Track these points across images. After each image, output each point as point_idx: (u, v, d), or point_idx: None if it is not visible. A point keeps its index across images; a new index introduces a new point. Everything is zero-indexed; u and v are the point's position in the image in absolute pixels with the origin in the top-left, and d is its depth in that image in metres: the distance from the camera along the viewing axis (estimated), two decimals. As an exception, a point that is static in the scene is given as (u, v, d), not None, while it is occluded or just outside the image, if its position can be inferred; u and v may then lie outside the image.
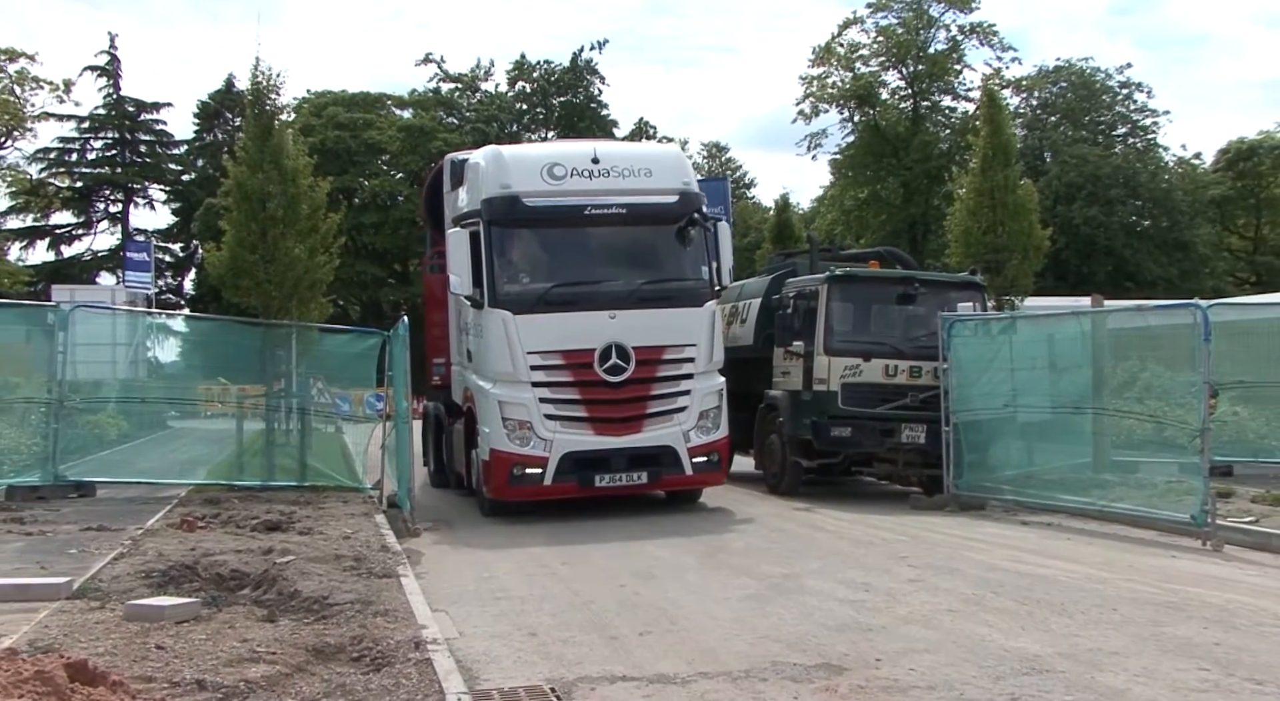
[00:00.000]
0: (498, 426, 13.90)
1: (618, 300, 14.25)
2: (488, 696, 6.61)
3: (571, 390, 14.03)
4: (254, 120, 17.61)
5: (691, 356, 14.44)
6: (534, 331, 13.91)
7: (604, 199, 14.41)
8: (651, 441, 14.19)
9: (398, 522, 13.31)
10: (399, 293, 57.41)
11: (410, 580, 9.65)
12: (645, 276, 14.74)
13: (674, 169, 15.29)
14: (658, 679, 6.92)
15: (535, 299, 14.14)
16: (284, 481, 15.81)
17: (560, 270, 14.68)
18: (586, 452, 13.99)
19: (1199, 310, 12.38)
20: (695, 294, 14.77)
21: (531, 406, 13.85)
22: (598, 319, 14.03)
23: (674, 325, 14.40)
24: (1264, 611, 8.65)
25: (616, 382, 13.99)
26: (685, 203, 14.79)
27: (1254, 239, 58.90)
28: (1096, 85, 58.94)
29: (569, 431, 13.93)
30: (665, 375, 14.29)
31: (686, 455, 14.29)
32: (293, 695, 6.25)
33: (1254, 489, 14.29)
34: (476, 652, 7.65)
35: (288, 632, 7.62)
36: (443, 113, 65.42)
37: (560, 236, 14.85)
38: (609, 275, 14.72)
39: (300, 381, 16.96)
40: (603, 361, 13.91)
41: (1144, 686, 6.66)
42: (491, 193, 14.34)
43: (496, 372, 14.13)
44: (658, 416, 14.22)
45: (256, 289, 16.78)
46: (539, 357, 13.90)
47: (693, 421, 14.35)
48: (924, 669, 7.00)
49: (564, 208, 14.38)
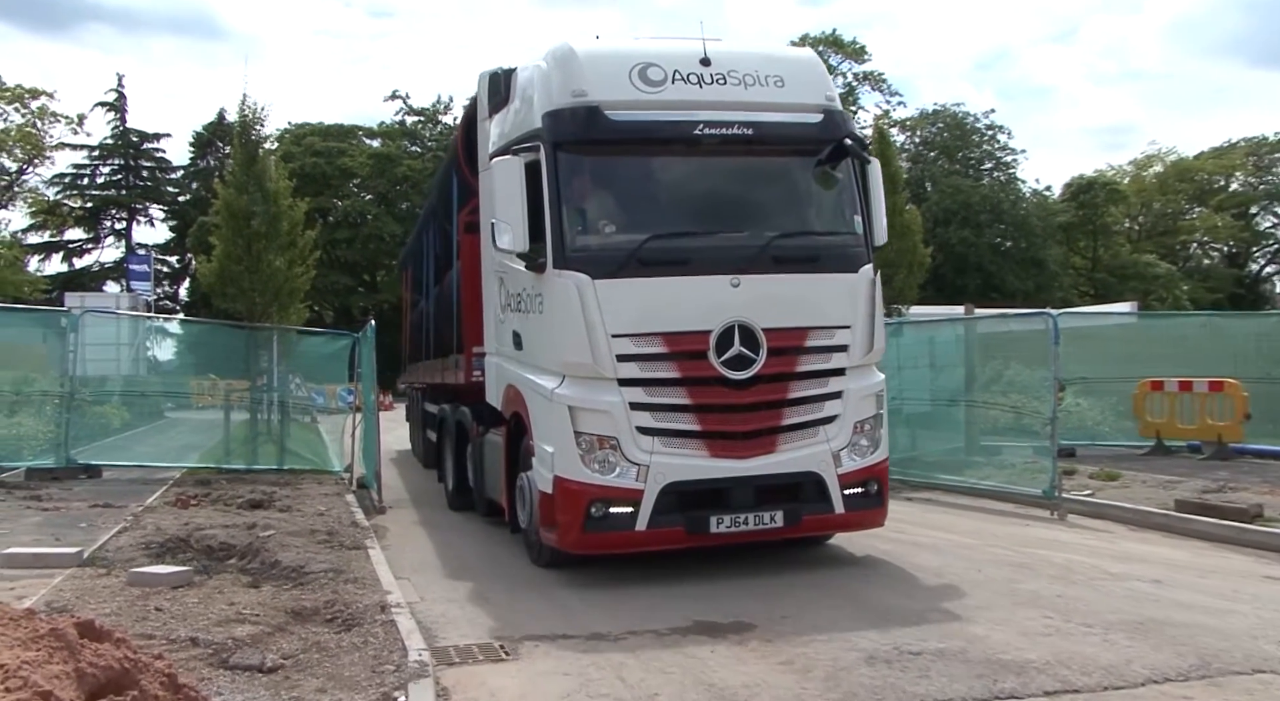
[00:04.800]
0: (567, 443, 8.23)
1: (742, 261, 8.52)
2: (444, 652, 6.59)
3: (676, 391, 8.31)
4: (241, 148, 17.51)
5: (844, 344, 8.75)
6: (622, 304, 8.27)
7: (721, 114, 8.72)
8: (789, 466, 8.50)
9: (366, 502, 13.19)
10: (368, 299, 57.06)
11: (377, 552, 9.58)
12: (779, 227, 8.95)
13: (814, 79, 9.34)
14: (593, 636, 6.94)
15: (624, 257, 8.36)
16: (266, 465, 15.66)
17: (658, 215, 8.89)
18: (698, 483, 8.29)
19: (1050, 318, 12.70)
20: (847, 254, 8.99)
21: (619, 415, 8.18)
22: (714, 287, 8.42)
23: (820, 298, 8.80)
24: (1096, 568, 8.90)
25: (741, 380, 8.34)
26: (831, 124, 9.10)
27: (1092, 259, 60.35)
28: (967, 126, 59.98)
29: (673, 452, 8.25)
30: (808, 370, 8.64)
31: (837, 485, 8.61)
32: (274, 651, 6.20)
33: (1092, 467, 14.63)
34: (435, 615, 7.61)
35: (269, 597, 7.56)
36: (407, 142, 64.89)
37: (659, 167, 9.13)
38: (728, 224, 8.99)
39: (280, 377, 16.89)
40: (721, 350, 8.30)
41: (1001, 632, 6.83)
42: (560, 103, 8.59)
43: (565, 364, 8.46)
44: (797, 430, 8.56)
45: (242, 296, 16.72)
46: (630, 343, 8.25)
47: (845, 437, 8.68)
48: (822, 623, 7.10)
49: (664, 125, 8.65)
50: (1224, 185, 63.44)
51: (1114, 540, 10.47)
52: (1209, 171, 62.91)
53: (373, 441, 14.28)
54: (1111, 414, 17.72)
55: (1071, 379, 15.52)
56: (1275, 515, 10.56)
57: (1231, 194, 62.70)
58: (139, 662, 4.21)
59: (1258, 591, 8.05)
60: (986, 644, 6.57)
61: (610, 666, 6.28)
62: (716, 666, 6.25)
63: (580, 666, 6.29)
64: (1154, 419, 16.85)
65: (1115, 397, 17.65)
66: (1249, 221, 63.52)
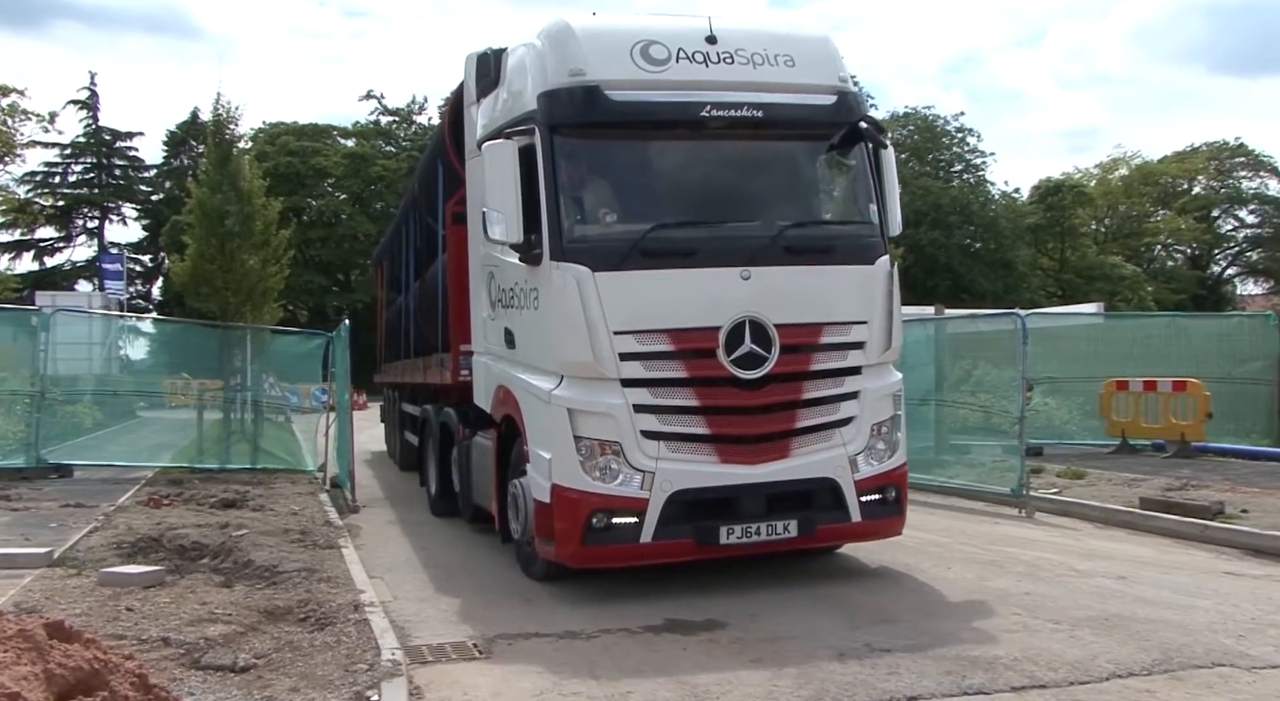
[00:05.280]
0: (566, 449, 7.61)
1: (752, 252, 7.93)
2: (417, 651, 6.56)
3: (683, 392, 7.70)
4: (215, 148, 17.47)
5: (860, 340, 8.15)
6: (624, 299, 7.64)
7: (728, 95, 8.03)
8: (803, 471, 7.91)
9: (339, 501, 13.11)
10: (342, 299, 56.84)
11: (350, 551, 9.52)
12: (790, 215, 8.41)
13: (826, 59, 8.56)
14: (566, 634, 6.93)
15: (626, 248, 7.72)
16: (239, 464, 15.56)
17: (662, 203, 8.32)
18: (707, 491, 7.70)
19: (1018, 318, 12.80)
20: (863, 245, 8.38)
21: (621, 418, 7.56)
22: (723, 281, 7.80)
23: (835, 291, 8.20)
24: (1063, 565, 8.97)
25: (752, 380, 7.73)
26: (845, 106, 8.43)
27: (1060, 260, 60.82)
28: (937, 129, 60.38)
29: (680, 458, 7.64)
30: (823, 369, 8.04)
31: (854, 492, 8.02)
32: (247, 651, 6.15)
33: (1059, 465, 14.74)
34: (408, 614, 7.58)
35: (242, 596, 7.50)
36: (381, 142, 64.66)
37: (662, 151, 8.50)
38: (737, 212, 8.43)
39: (254, 376, 16.82)
40: (731, 347, 7.69)
41: (970, 629, 6.87)
42: (556, 83, 7.91)
43: (563, 363, 7.81)
44: (812, 433, 7.97)
45: (215, 295, 16.67)
46: (634, 340, 7.63)
47: (862, 441, 8.08)
48: (793, 621, 7.12)
49: (669, 106, 7.95)
50: (1187, 188, 64.16)
51: (1080, 537, 10.55)
52: (1172, 175, 63.64)
53: (346, 441, 14.21)
54: (1078, 413, 17.88)
55: (1039, 379, 15.63)
56: (1235, 512, 10.68)
57: (1194, 197, 63.42)
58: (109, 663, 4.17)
59: (1218, 587, 8.14)
60: (956, 640, 6.60)
61: (583, 664, 6.28)
62: (689, 664, 6.25)
63: (553, 664, 6.27)
64: (1119, 418, 17.01)
65: (1082, 397, 17.80)
66: (1211, 224, 64.29)
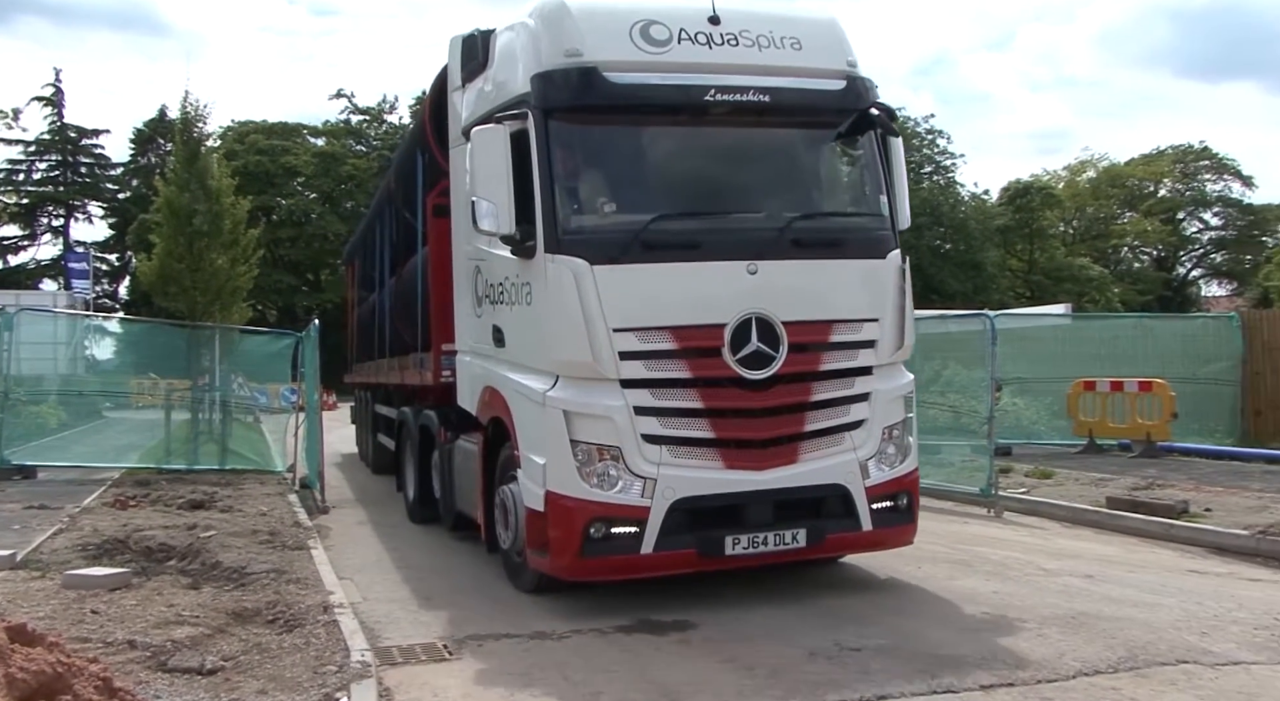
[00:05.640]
0: (561, 454, 7.13)
1: (758, 245, 7.51)
2: (387, 652, 6.52)
3: (687, 394, 7.25)
4: (183, 146, 17.33)
5: (871, 339, 7.75)
6: (624, 294, 7.19)
7: (733, 78, 7.59)
8: (812, 477, 7.47)
9: (309, 501, 13.02)
10: (312, 299, 56.50)
11: (319, 552, 9.45)
12: (798, 206, 8.03)
13: (834, 42, 8.16)
14: (536, 635, 6.91)
15: (626, 240, 7.26)
16: (207, 465, 15.42)
17: (664, 192, 7.88)
18: (712, 499, 7.25)
19: (987, 319, 12.89)
20: (874, 238, 8.00)
21: (621, 421, 7.10)
22: (728, 275, 7.36)
23: (846, 287, 7.79)
24: (1031, 564, 9.04)
25: (759, 381, 7.30)
26: (854, 92, 7.98)
27: (1028, 261, 61.32)
28: (908, 131, 60.56)
29: (683, 463, 7.19)
30: (833, 369, 7.62)
31: (864, 499, 7.61)
32: (215, 653, 6.09)
33: (1027, 465, 14.85)
34: (378, 615, 7.52)
35: (210, 598, 7.43)
36: (352, 141, 64.33)
37: (664, 137, 8.00)
38: (742, 203, 8.02)
39: (222, 376, 16.70)
40: (737, 346, 7.26)
41: (940, 628, 6.92)
42: (551, 64, 7.45)
43: (559, 363, 7.31)
44: (821, 437, 7.55)
45: (183, 294, 16.55)
46: (634, 338, 7.17)
47: (873, 445, 7.70)
48: (764, 621, 7.12)
49: (671, 89, 7.49)
50: (1153, 191, 64.94)
51: (1048, 536, 10.64)
52: (1139, 177, 64.40)
53: (316, 441, 14.12)
54: (1046, 413, 18.04)
55: (1008, 379, 15.74)
56: (1200, 511, 10.81)
57: (1160, 199, 64.20)
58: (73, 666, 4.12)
59: (1183, 584, 8.23)
60: (926, 639, 6.64)
61: (554, 665, 6.26)
62: (660, 664, 6.25)
63: (524, 665, 6.25)
64: (1086, 418, 17.16)
65: (1050, 397, 17.95)
66: (1176, 226, 65.10)
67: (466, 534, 9.84)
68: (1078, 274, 58.05)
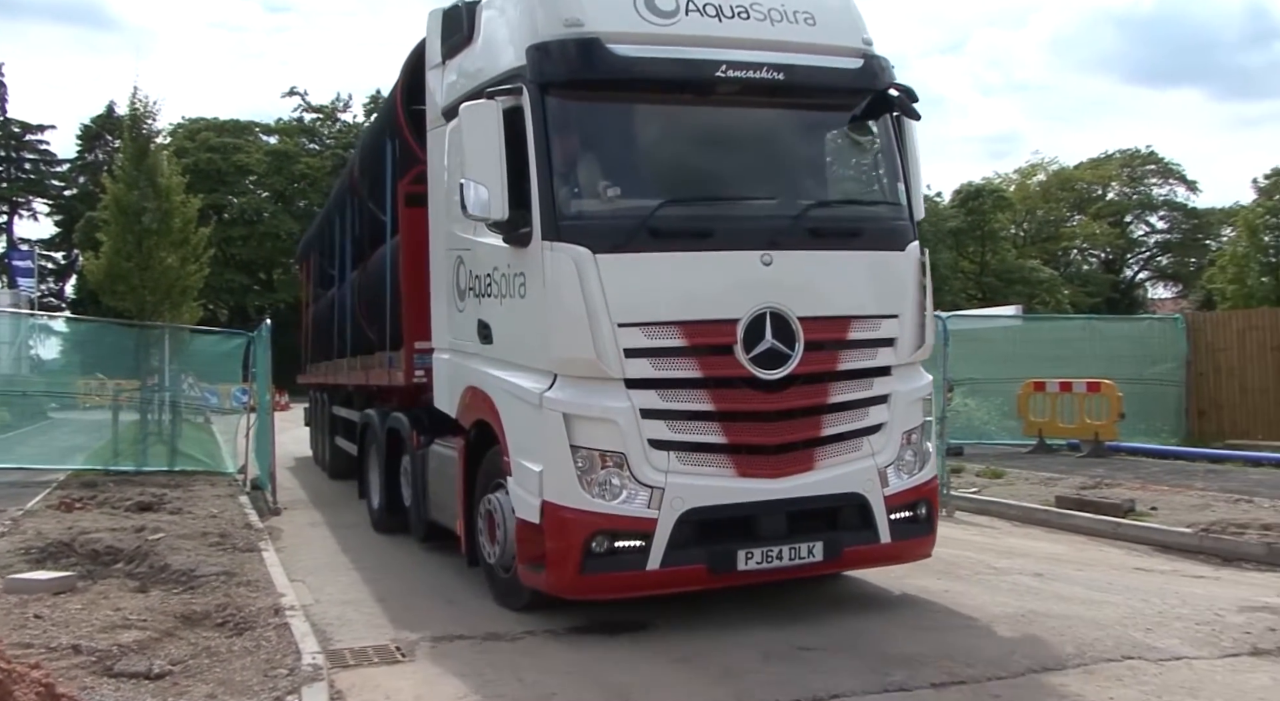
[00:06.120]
0: (560, 461, 6.53)
1: (773, 233, 6.95)
2: (339, 655, 6.46)
3: (697, 395, 6.65)
4: (131, 142, 17.09)
5: (890, 337, 7.22)
6: (630, 285, 6.59)
7: (745, 54, 6.95)
8: (829, 486, 6.93)
9: (260, 503, 12.87)
10: (264, 298, 56.02)
11: (271, 554, 9.35)
12: (813, 193, 7.58)
13: (849, 19, 7.56)
14: (489, 636, 6.87)
15: (632, 227, 6.64)
16: (156, 466, 15.19)
17: (672, 176, 7.26)
18: (723, 509, 6.68)
19: (940, 320, 12.96)
20: (893, 228, 7.50)
21: (627, 425, 6.50)
22: (741, 265, 6.80)
23: (864, 280, 7.29)
24: (982, 563, 9.13)
25: (773, 381, 6.73)
26: (872, 71, 7.41)
27: (980, 263, 61.98)
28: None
29: (692, 470, 6.61)
30: (851, 369, 7.07)
31: (883, 509, 7.08)
32: (162, 657, 6.00)
33: (978, 465, 15.02)
34: (330, 617, 7.45)
35: (158, 602, 7.32)
36: (305, 139, 63.85)
37: (671, 117, 7.36)
38: (755, 187, 7.43)
39: (172, 376, 16.47)
40: (750, 344, 6.68)
41: (891, 627, 6.96)
42: (549, 34, 6.78)
43: (558, 361, 6.67)
44: (839, 442, 7.00)
45: (132, 293, 16.33)
46: (640, 334, 6.57)
47: (893, 451, 7.15)
48: (719, 622, 7.12)
49: (679, 64, 6.86)
50: (1101, 194, 65.97)
51: (999, 536, 10.76)
52: (1087, 181, 65.36)
53: (267, 442, 13.97)
54: (997, 413, 18.26)
55: (960, 379, 15.90)
56: (1145, 510, 10.98)
57: (1108, 203, 65.22)
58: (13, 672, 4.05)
59: (1129, 582, 8.35)
60: (878, 638, 6.68)
61: (507, 667, 6.23)
62: (614, 665, 6.24)
63: (476, 667, 6.22)
64: (1036, 418, 17.40)
65: (1001, 398, 18.18)
66: (1124, 229, 66.14)
67: (439, 544, 9.40)
68: (1028, 276, 58.74)
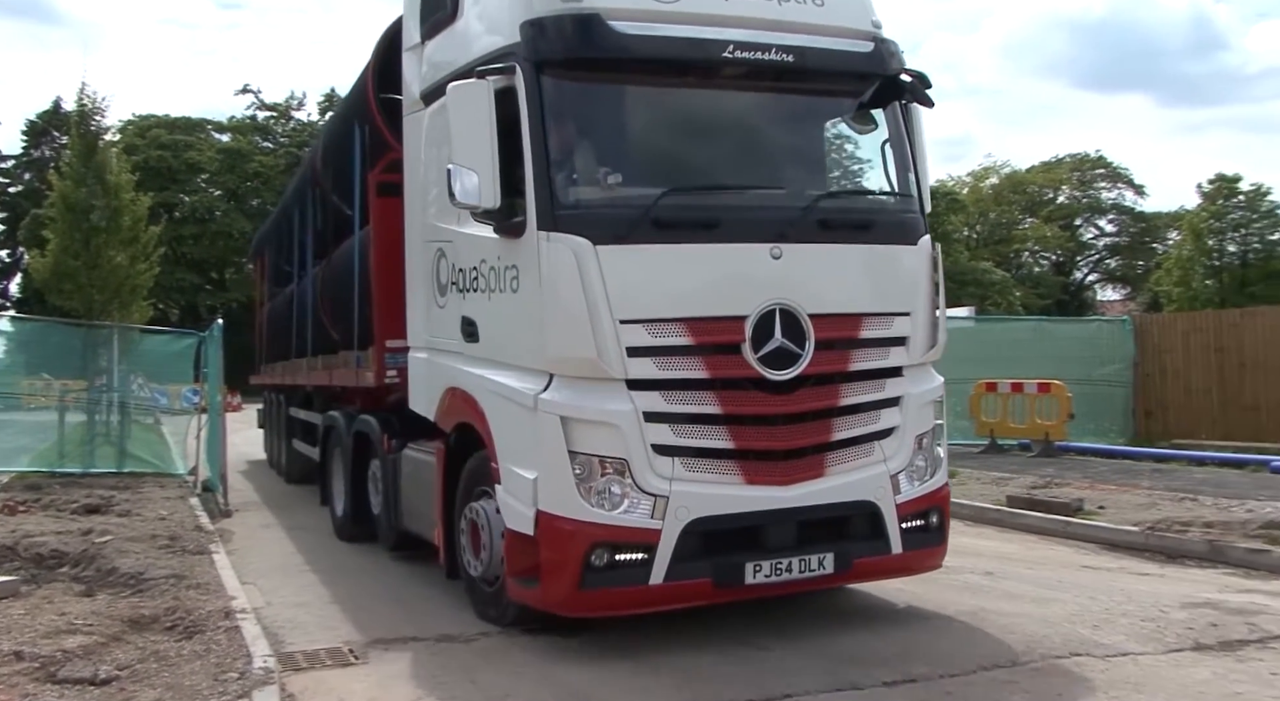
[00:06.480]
0: (557, 467, 6.09)
1: (781, 224, 6.53)
2: (291, 658, 6.39)
3: (703, 397, 6.23)
4: (79, 139, 16.82)
5: (902, 336, 6.85)
6: (632, 279, 6.17)
7: (753, 34, 6.55)
8: (840, 493, 6.53)
9: (211, 505, 12.71)
10: (216, 298, 55.28)
11: (222, 556, 9.23)
12: (823, 183, 7.37)
13: (857, 1, 7.15)
14: (443, 638, 6.84)
15: (635, 217, 6.19)
16: (104, 468, 14.89)
17: (675, 163, 6.80)
18: (731, 519, 6.26)
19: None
20: (904, 221, 7.10)
21: (630, 429, 6.07)
22: (750, 259, 6.39)
23: (876, 276, 6.89)
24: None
25: (782, 382, 6.34)
26: (882, 56, 7.01)
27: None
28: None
29: (699, 478, 6.20)
30: (862, 369, 6.71)
31: (895, 518, 6.70)
32: (109, 662, 5.90)
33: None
34: (282, 619, 7.37)
35: (104, 606, 7.20)
36: (259, 137, 63.09)
37: (676, 100, 6.90)
38: (764, 176, 7.01)
39: (121, 377, 16.17)
40: (759, 342, 6.28)
41: (845, 626, 7.01)
42: (545, 9, 6.34)
43: (556, 360, 6.23)
44: (850, 447, 6.63)
45: (79, 292, 16.05)
46: (643, 332, 6.14)
47: (905, 456, 6.79)
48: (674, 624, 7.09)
49: (684, 43, 6.41)
50: (1052, 198, 66.78)
51: (951, 535, 10.68)
52: (1039, 184, 66.13)
53: (217, 442, 13.80)
54: (949, 413, 18.31)
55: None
56: (1094, 509, 11.16)
57: (1059, 206, 66.06)
58: (-45, 679, 3.96)
59: (1077, 580, 8.49)
60: (832, 638, 6.73)
61: (461, 668, 6.20)
62: (569, 665, 6.24)
63: (430, 669, 6.19)
64: (988, 418, 17.61)
65: (953, 398, 18.16)
66: (1074, 232, 67.06)
67: (411, 554, 9.05)
68: (981, 278, 59.27)
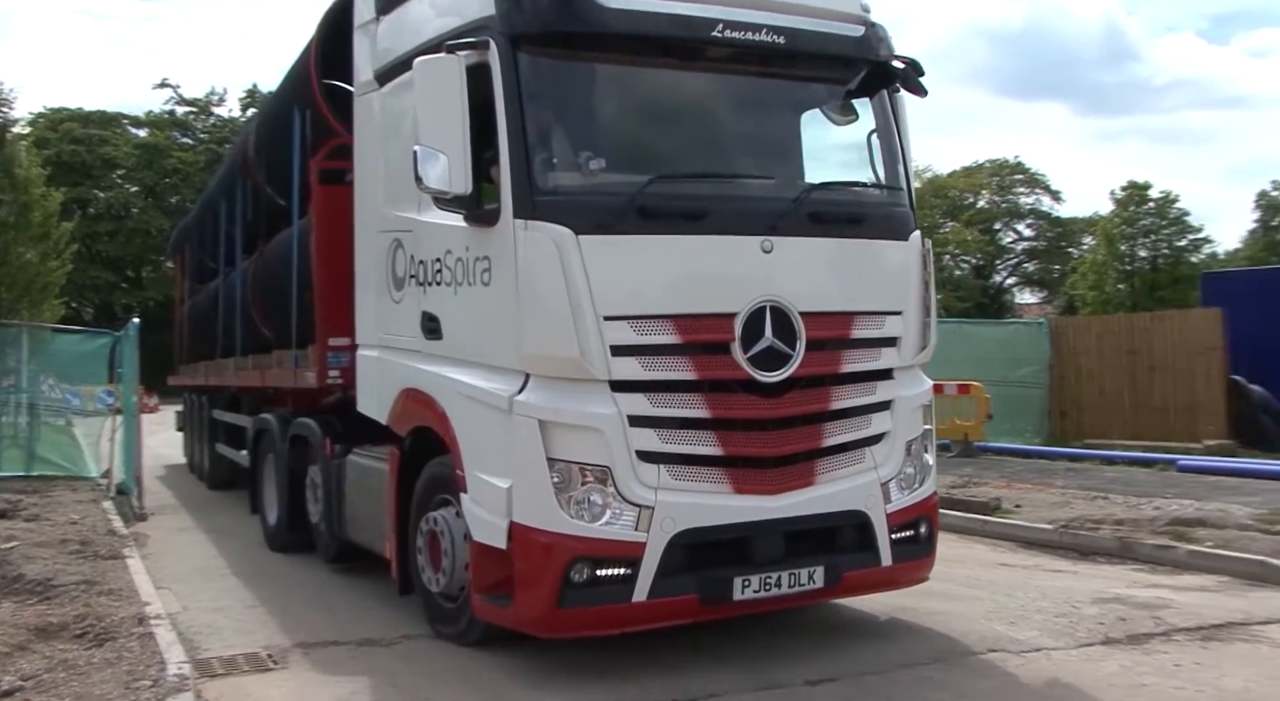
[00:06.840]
0: (534, 475, 5.63)
1: (771, 216, 6.12)
2: (207, 664, 6.26)
3: (690, 399, 5.82)
4: (-14, 132, 16.28)
5: (894, 336, 6.51)
6: (616, 273, 5.72)
7: (743, 14, 6.14)
8: (830, 503, 6.16)
9: (125, 508, 12.39)
10: (132, 297, 53.80)
11: (136, 561, 9.01)
12: (814, 173, 6.84)
13: None
14: (365, 642, 6.75)
15: (619, 205, 5.75)
16: (11, 471, 14.49)
17: (661, 149, 6.41)
18: (718, 530, 5.86)
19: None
20: (895, 215, 6.73)
21: (613, 434, 5.63)
22: (740, 252, 5.99)
23: (868, 272, 6.52)
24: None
25: (772, 384, 5.94)
26: (872, 41, 6.66)
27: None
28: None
29: (686, 487, 5.77)
30: (853, 371, 6.34)
31: (885, 528, 6.37)
32: (12, 672, 5.72)
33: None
34: (199, 625, 7.21)
35: (9, 614, 6.97)
36: (177, 133, 61.64)
37: (660, 81, 6.43)
38: (753, 164, 6.65)
39: (30, 377, 15.70)
40: (749, 341, 5.88)
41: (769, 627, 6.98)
42: None
43: (534, 358, 5.74)
44: (841, 454, 6.27)
45: (-14, 290, 15.54)
46: (628, 329, 5.70)
47: (895, 463, 6.46)
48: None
49: (671, 20, 5.99)
50: (972, 202, 68.11)
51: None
52: (960, 189, 67.41)
53: (132, 444, 13.48)
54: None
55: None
56: (1010, 507, 11.41)
57: (979, 210, 67.37)
58: None
59: (994, 577, 8.67)
60: (756, 638, 6.75)
61: (383, 671, 6.13)
62: (492, 668, 6.18)
63: (351, 673, 6.11)
64: (909, 419, 17.84)
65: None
66: (993, 236, 68.47)
67: (352, 568, 8.65)
68: (903, 281, 60.34)
